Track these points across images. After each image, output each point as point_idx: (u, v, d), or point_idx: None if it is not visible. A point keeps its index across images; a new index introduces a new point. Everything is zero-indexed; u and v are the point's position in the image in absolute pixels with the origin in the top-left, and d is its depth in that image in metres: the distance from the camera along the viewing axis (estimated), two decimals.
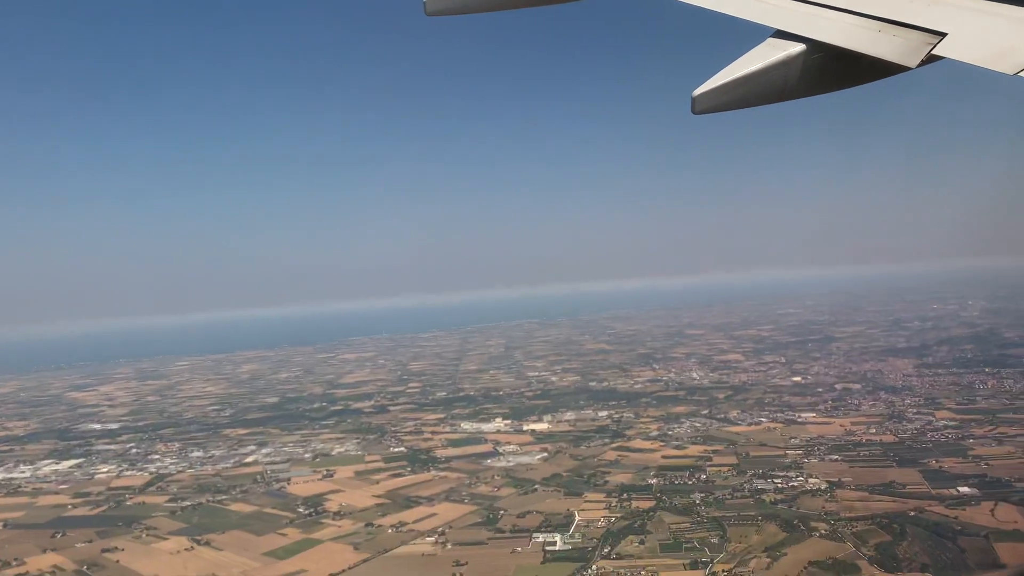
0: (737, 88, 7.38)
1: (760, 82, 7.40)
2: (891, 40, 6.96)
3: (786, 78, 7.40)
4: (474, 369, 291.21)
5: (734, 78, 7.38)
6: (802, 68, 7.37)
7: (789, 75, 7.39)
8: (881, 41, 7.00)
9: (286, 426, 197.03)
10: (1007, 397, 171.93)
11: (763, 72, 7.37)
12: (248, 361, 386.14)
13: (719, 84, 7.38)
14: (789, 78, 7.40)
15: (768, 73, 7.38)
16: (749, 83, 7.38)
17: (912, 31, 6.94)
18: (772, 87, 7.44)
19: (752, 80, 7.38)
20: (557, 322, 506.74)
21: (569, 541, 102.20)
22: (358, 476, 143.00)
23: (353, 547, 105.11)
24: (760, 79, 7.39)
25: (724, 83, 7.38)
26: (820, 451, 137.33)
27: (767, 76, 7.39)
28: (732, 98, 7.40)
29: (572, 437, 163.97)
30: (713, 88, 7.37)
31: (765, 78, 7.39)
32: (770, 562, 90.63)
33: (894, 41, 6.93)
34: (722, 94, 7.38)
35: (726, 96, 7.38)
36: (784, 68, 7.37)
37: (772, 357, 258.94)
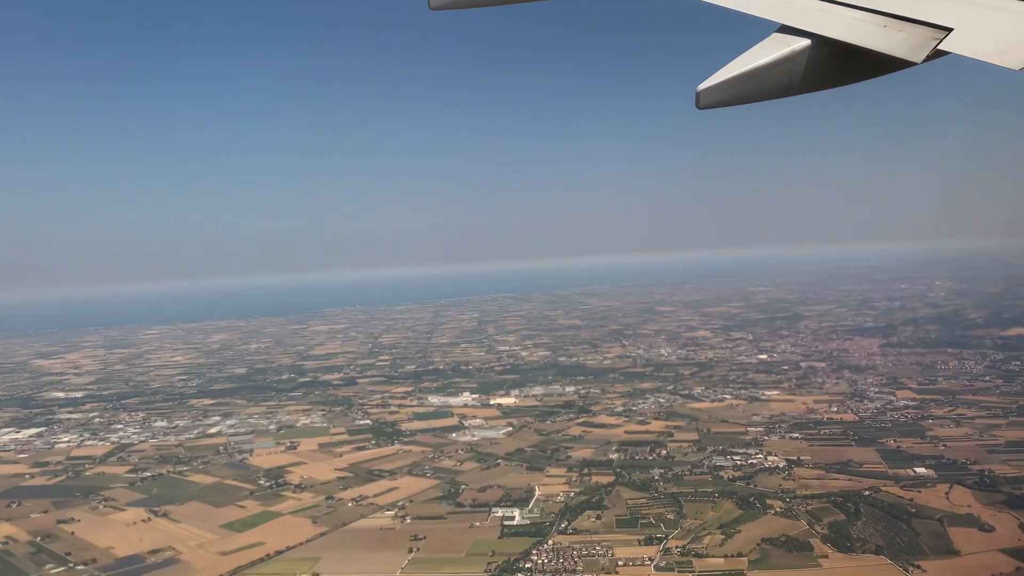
0: (742, 83, 7.29)
1: (765, 77, 7.32)
2: (896, 35, 6.89)
3: (791, 73, 7.32)
4: (446, 343, 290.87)
5: (738, 73, 7.27)
6: (807, 63, 7.29)
7: (794, 70, 7.31)
8: (886, 36, 6.93)
9: (253, 397, 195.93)
10: (967, 378, 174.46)
11: (768, 67, 7.28)
12: (219, 331, 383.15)
13: (723, 79, 7.27)
14: (794, 73, 7.33)
15: (773, 68, 7.29)
16: (754, 78, 7.29)
17: (917, 26, 6.87)
18: (777, 83, 7.37)
19: (757, 75, 7.29)
20: (531, 297, 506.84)
21: (528, 516, 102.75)
22: (322, 449, 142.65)
23: (312, 520, 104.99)
24: (765, 74, 7.31)
25: (728, 78, 7.27)
26: (781, 429, 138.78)
27: (772, 71, 7.31)
28: (736, 93, 7.31)
29: (538, 412, 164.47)
30: (717, 83, 7.26)
31: (770, 73, 7.31)
32: (724, 539, 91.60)
33: (899, 36, 6.86)
34: (726, 89, 7.28)
35: (730, 91, 7.29)
36: (789, 63, 7.29)
37: (740, 334, 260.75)
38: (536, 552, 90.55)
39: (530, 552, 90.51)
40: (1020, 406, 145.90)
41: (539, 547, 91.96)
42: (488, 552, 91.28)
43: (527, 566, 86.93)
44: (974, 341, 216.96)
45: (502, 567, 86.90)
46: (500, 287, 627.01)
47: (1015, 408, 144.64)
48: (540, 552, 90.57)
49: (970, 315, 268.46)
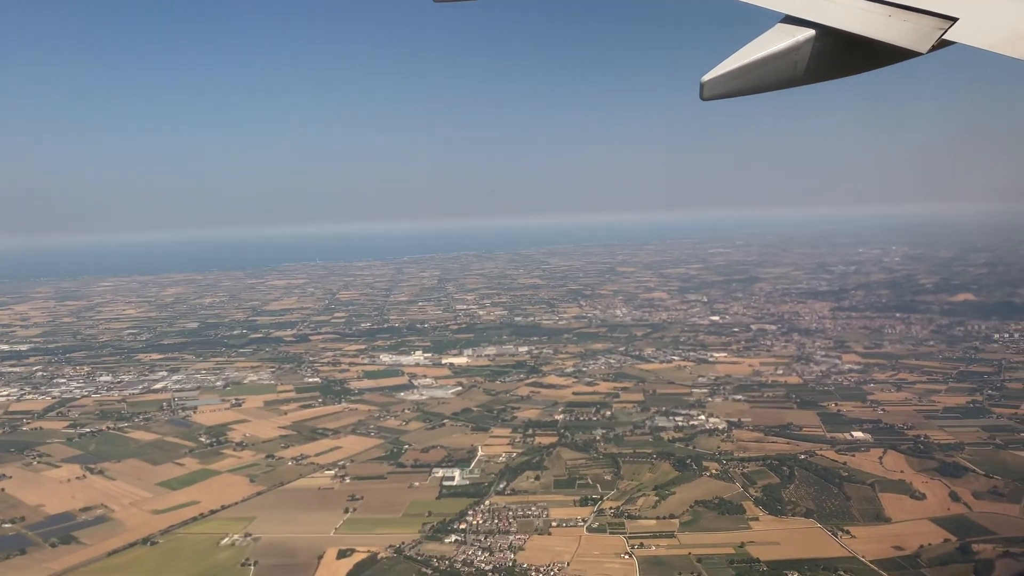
0: (746, 74, 7.18)
1: (770, 68, 7.22)
2: (902, 25, 6.84)
3: (796, 64, 7.24)
4: (404, 300, 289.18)
5: (743, 64, 7.16)
6: (812, 54, 7.21)
7: (799, 61, 7.23)
8: (892, 26, 6.87)
9: (202, 353, 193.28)
10: (912, 343, 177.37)
11: (773, 58, 7.18)
12: (175, 284, 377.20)
13: (728, 70, 7.14)
14: (799, 64, 7.24)
15: (778, 59, 7.19)
16: (758, 69, 7.18)
17: (923, 16, 6.83)
18: (782, 73, 7.27)
19: (762, 66, 7.18)
20: (495, 255, 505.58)
21: (468, 476, 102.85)
22: (267, 406, 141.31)
23: (249, 479, 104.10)
24: (770, 65, 7.20)
25: (733, 69, 7.14)
26: (725, 391, 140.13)
27: (777, 62, 7.20)
28: (741, 84, 7.19)
29: (489, 372, 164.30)
30: (722, 74, 7.14)
31: (775, 64, 7.21)
32: (657, 500, 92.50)
33: (904, 26, 6.81)
34: (731, 80, 7.16)
35: (735, 82, 7.18)
36: (794, 54, 7.20)
37: (695, 296, 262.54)
38: (472, 513, 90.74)
39: (466, 513, 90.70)
40: (960, 372, 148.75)
41: (476, 508, 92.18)
42: (425, 513, 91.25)
43: (461, 527, 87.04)
44: (922, 306, 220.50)
45: (436, 528, 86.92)
46: (465, 245, 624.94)
47: (955, 374, 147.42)
48: (476, 513, 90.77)
49: (921, 280, 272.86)
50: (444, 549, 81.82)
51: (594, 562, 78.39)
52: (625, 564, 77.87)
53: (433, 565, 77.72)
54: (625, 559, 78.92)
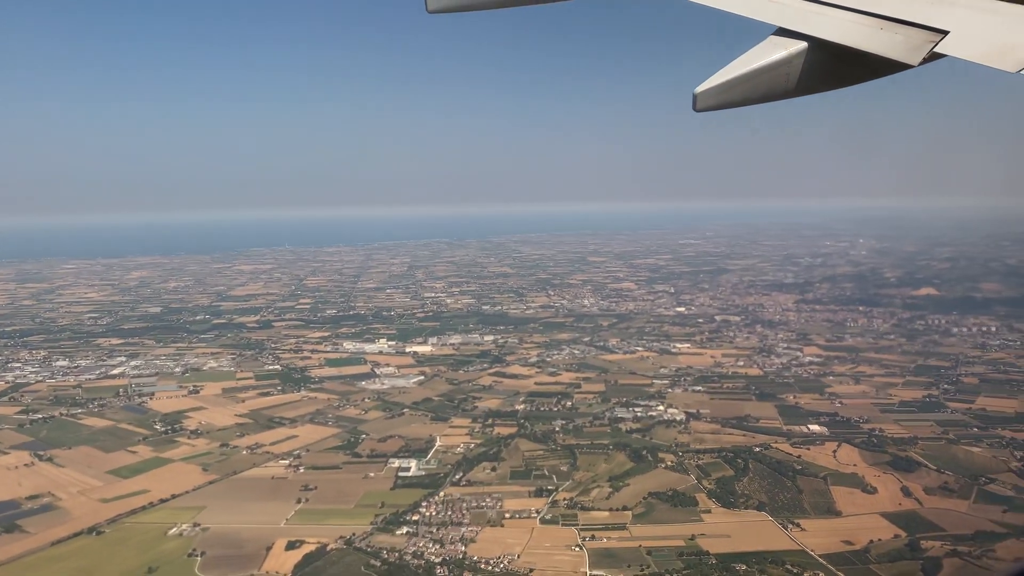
0: (739, 86, 7.26)
1: (762, 80, 7.29)
2: (893, 38, 6.91)
3: (788, 76, 7.31)
4: (371, 287, 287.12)
5: (736, 75, 7.24)
6: (804, 66, 7.28)
7: (791, 73, 7.30)
8: (883, 39, 6.96)
9: (163, 338, 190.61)
10: (873, 336, 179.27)
11: (765, 70, 7.25)
12: (140, 267, 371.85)
13: (721, 82, 7.23)
14: (791, 76, 7.31)
15: (770, 71, 7.27)
16: (751, 81, 7.26)
17: (914, 29, 6.90)
18: (774, 85, 7.35)
19: (754, 78, 7.26)
20: (466, 243, 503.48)
21: (424, 467, 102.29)
22: (225, 393, 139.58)
23: (202, 468, 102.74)
24: (762, 77, 7.29)
25: (726, 80, 7.23)
26: (686, 382, 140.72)
27: (769, 74, 7.28)
28: (734, 96, 7.28)
29: (453, 361, 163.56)
30: (715, 86, 7.23)
31: (767, 76, 7.29)
32: (611, 492, 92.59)
33: (896, 39, 6.89)
34: (724, 91, 7.25)
35: (728, 94, 7.27)
36: (786, 66, 7.28)
37: (663, 287, 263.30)
38: (426, 504, 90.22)
39: (420, 504, 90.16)
40: (918, 366, 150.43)
41: (430, 499, 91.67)
42: (378, 504, 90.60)
43: (414, 519, 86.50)
44: (885, 300, 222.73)
45: (388, 519, 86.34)
46: (437, 232, 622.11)
47: (913, 368, 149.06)
48: (430, 504, 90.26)
49: (886, 274, 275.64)
50: (395, 541, 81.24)
51: (544, 554, 78.24)
52: (575, 556, 77.83)
53: (382, 557, 77.15)
54: (575, 551, 78.91)
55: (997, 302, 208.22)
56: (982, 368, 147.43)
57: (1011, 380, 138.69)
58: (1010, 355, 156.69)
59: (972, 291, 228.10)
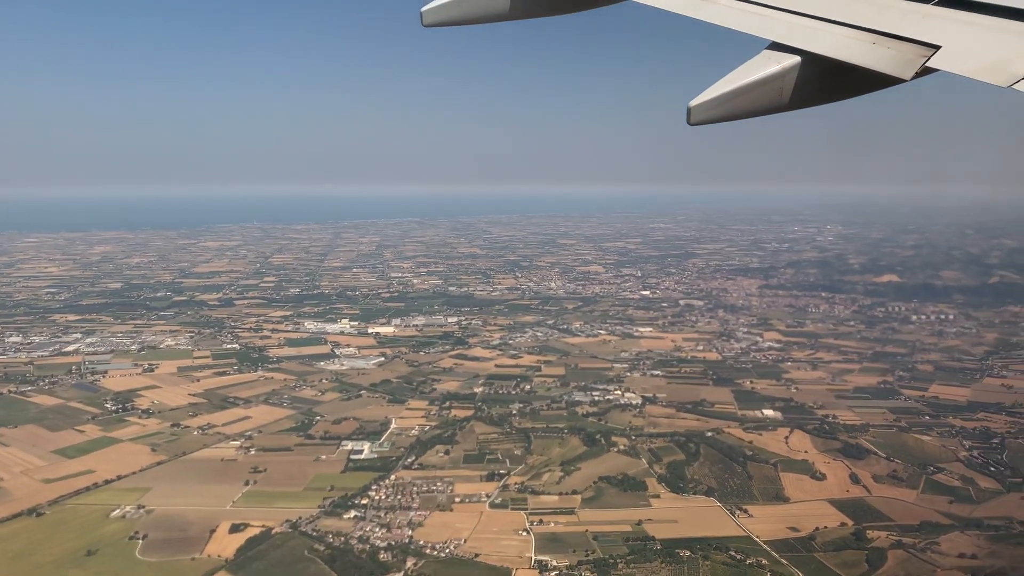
0: (733, 100, 7.29)
1: (756, 94, 7.33)
2: (885, 52, 6.98)
3: (781, 90, 7.37)
4: (338, 266, 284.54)
5: (730, 89, 7.26)
6: (797, 80, 7.34)
7: (784, 87, 7.37)
8: (876, 53, 7.02)
9: (121, 315, 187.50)
10: (833, 322, 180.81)
11: (759, 84, 7.31)
12: (104, 242, 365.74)
13: (715, 95, 7.24)
14: (784, 90, 7.38)
15: (764, 85, 7.33)
16: (745, 94, 7.30)
17: (906, 43, 6.96)
18: (768, 99, 7.40)
19: (748, 91, 7.29)
20: (438, 223, 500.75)
21: (377, 450, 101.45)
22: (180, 372, 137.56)
23: (151, 449, 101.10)
24: (756, 91, 7.33)
25: (720, 94, 7.25)
26: (645, 366, 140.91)
27: (763, 88, 7.34)
28: (728, 110, 7.31)
29: (415, 343, 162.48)
30: (709, 99, 7.23)
31: (761, 90, 7.34)
32: (562, 476, 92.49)
33: (888, 53, 6.95)
34: (718, 105, 7.26)
35: (722, 107, 7.29)
36: (780, 80, 7.34)
37: (630, 270, 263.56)
38: (376, 488, 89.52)
39: (370, 487, 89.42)
40: (875, 352, 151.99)
41: (380, 483, 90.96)
42: (327, 487, 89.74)
43: (363, 502, 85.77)
44: (847, 286, 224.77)
45: (337, 503, 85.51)
46: (409, 211, 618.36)
47: (870, 354, 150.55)
48: (380, 488, 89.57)
49: (851, 260, 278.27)
50: (341, 525, 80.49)
51: (491, 539, 77.95)
52: (522, 541, 77.61)
53: (327, 542, 76.38)
54: (523, 536, 78.69)
55: (956, 290, 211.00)
56: (937, 356, 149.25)
57: (964, 368, 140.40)
58: (965, 343, 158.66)
59: (933, 279, 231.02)
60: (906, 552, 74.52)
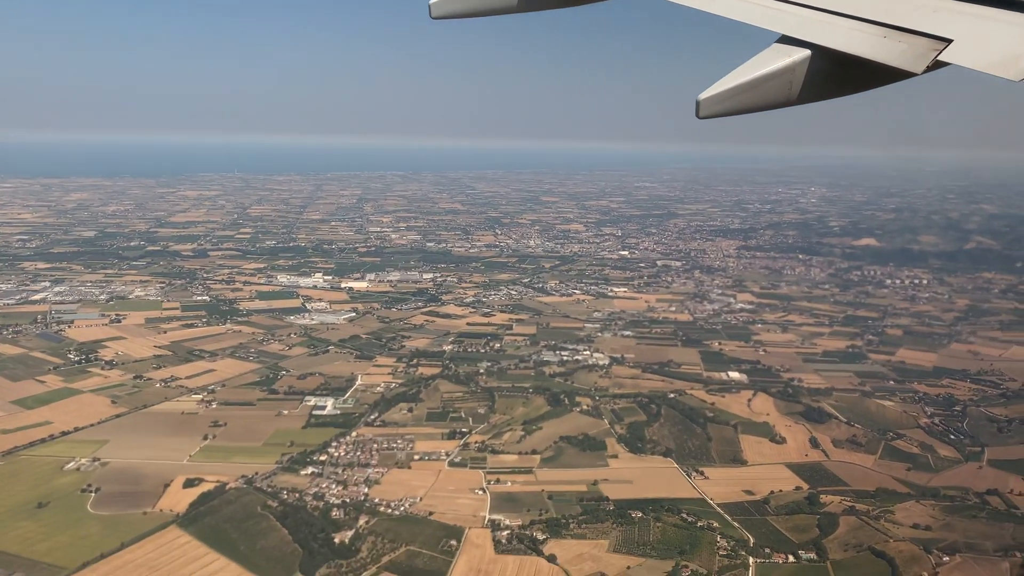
0: (742, 93, 7.19)
1: (766, 88, 7.24)
2: (897, 46, 6.93)
3: (791, 84, 7.28)
4: (316, 219, 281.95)
5: (739, 83, 7.16)
6: (808, 74, 7.26)
7: (794, 80, 7.28)
8: (887, 47, 6.97)
9: (92, 264, 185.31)
10: (808, 285, 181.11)
11: (768, 77, 7.21)
12: (81, 189, 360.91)
13: (724, 89, 7.16)
14: (794, 84, 7.28)
15: (774, 79, 7.23)
16: (754, 88, 7.21)
17: (918, 37, 6.90)
18: (778, 93, 7.29)
19: (757, 85, 7.21)
20: (422, 176, 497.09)
21: (340, 406, 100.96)
22: (148, 324, 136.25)
23: (111, 400, 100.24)
24: (765, 84, 7.24)
25: (729, 88, 7.15)
26: (616, 326, 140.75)
27: (773, 81, 7.24)
28: (737, 104, 7.23)
29: (388, 298, 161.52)
30: (718, 93, 7.14)
31: (771, 84, 7.24)
32: (523, 435, 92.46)
33: (900, 47, 6.90)
34: (726, 99, 7.18)
35: (731, 101, 7.20)
36: (789, 73, 7.25)
37: (610, 230, 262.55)
38: (336, 444, 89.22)
39: (330, 444, 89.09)
40: (847, 316, 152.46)
41: (341, 439, 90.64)
42: (287, 443, 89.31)
43: (321, 459, 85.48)
44: (825, 249, 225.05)
45: (295, 459, 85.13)
46: (393, 164, 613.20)
47: (841, 318, 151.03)
48: (340, 444, 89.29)
49: (831, 223, 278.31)
50: (298, 481, 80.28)
51: (447, 497, 77.99)
52: (477, 500, 77.69)
53: (281, 498, 76.12)
54: (479, 495, 78.76)
55: (933, 255, 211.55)
56: (908, 320, 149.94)
57: (933, 333, 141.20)
58: (936, 308, 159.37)
59: (911, 243, 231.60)
60: (858, 519, 74.89)
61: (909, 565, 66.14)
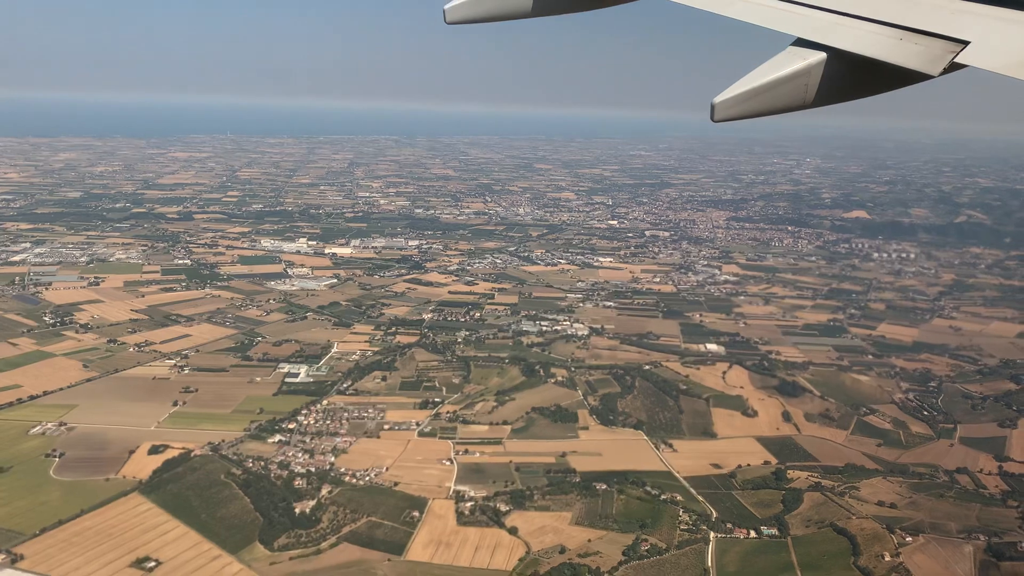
0: (758, 96, 7.19)
1: (781, 90, 7.22)
2: (913, 48, 6.92)
3: (807, 87, 7.27)
4: (306, 183, 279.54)
5: (754, 86, 7.16)
6: (823, 77, 7.25)
7: (810, 83, 7.26)
8: (903, 49, 6.95)
9: (75, 225, 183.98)
10: (794, 257, 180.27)
11: (784, 80, 7.19)
12: (71, 148, 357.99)
13: (739, 92, 7.16)
14: (810, 86, 7.27)
15: (789, 81, 7.22)
16: (769, 91, 7.20)
17: (934, 39, 6.88)
18: (793, 95, 7.26)
19: (773, 88, 7.19)
20: (416, 141, 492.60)
21: (313, 374, 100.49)
22: (126, 287, 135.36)
23: (83, 365, 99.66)
24: (781, 87, 7.22)
25: (744, 91, 7.15)
26: (599, 297, 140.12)
27: (788, 84, 7.22)
28: (752, 106, 7.22)
29: (371, 265, 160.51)
30: (733, 96, 7.13)
31: (786, 86, 7.22)
32: (495, 406, 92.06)
33: (915, 49, 6.88)
34: (742, 102, 7.17)
35: (746, 104, 7.19)
36: (805, 76, 7.24)
37: (601, 198, 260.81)
38: (306, 412, 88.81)
39: (300, 412, 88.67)
40: (831, 289, 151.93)
41: (311, 407, 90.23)
42: (256, 410, 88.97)
43: (290, 427, 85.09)
44: (815, 220, 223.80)
45: (263, 426, 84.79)
46: (389, 128, 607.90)
47: (825, 290, 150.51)
48: (310, 412, 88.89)
49: (823, 195, 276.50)
50: (264, 449, 79.97)
51: (414, 468, 77.77)
52: (444, 471, 77.48)
53: (246, 466, 75.80)
54: (446, 465, 78.56)
55: (923, 228, 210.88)
56: (892, 294, 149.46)
57: (916, 308, 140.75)
58: (922, 282, 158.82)
59: (902, 216, 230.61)
60: (823, 495, 74.76)
61: (870, 544, 66.02)
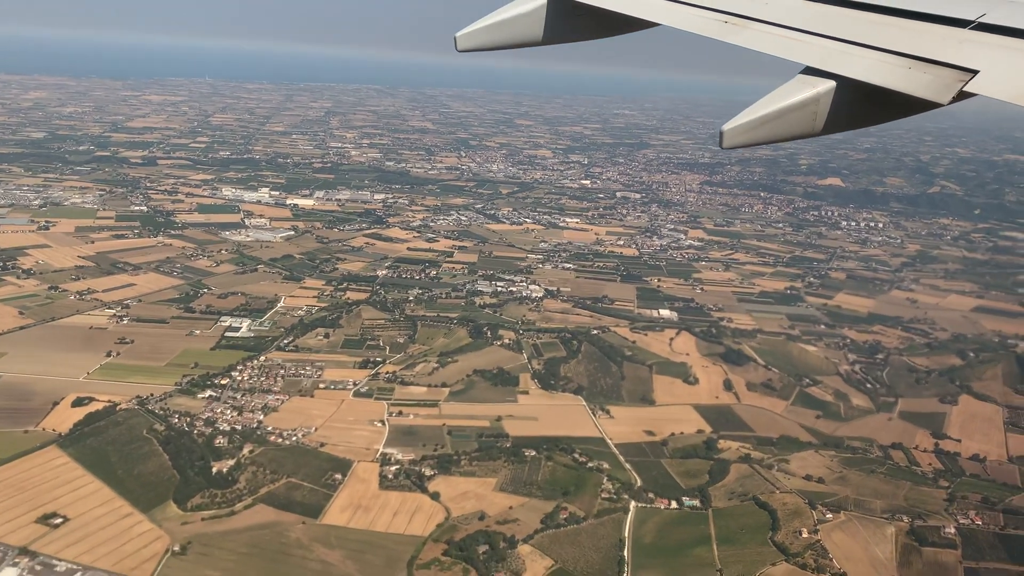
0: (766, 124, 7.23)
1: (790, 118, 7.26)
2: (922, 77, 6.93)
3: (816, 114, 7.33)
4: (278, 131, 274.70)
5: (763, 113, 7.20)
6: (832, 105, 7.30)
7: (819, 111, 7.32)
8: (912, 78, 6.98)
9: (34, 167, 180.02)
10: (762, 223, 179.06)
11: (793, 108, 7.25)
12: (42, 87, 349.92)
13: (748, 119, 7.19)
14: (819, 114, 7.33)
15: (798, 109, 7.27)
16: (779, 119, 7.24)
17: (943, 68, 6.90)
18: (802, 123, 7.33)
19: (782, 116, 7.23)
20: (398, 92, 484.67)
21: (255, 328, 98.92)
22: (77, 232, 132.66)
23: (19, 311, 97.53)
24: (790, 115, 7.26)
25: (753, 118, 7.19)
26: (559, 258, 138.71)
27: (797, 112, 7.27)
28: (761, 134, 7.24)
29: (332, 218, 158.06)
30: (742, 123, 7.18)
31: (795, 114, 7.27)
32: (437, 367, 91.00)
33: (925, 78, 6.89)
34: (751, 129, 7.20)
35: (754, 132, 7.22)
36: (814, 104, 7.29)
37: (578, 157, 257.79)
38: (241, 368, 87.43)
39: (235, 367, 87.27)
40: (793, 256, 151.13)
41: (248, 363, 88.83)
42: (191, 364, 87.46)
43: (223, 382, 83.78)
44: (788, 187, 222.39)
45: (195, 381, 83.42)
46: (372, 77, 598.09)
47: (787, 258, 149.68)
48: (245, 368, 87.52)
49: (801, 161, 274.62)
50: (193, 404, 78.69)
51: (345, 429, 76.83)
52: (374, 432, 76.60)
53: (170, 422, 74.49)
54: (377, 427, 77.65)
55: (895, 198, 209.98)
56: (854, 264, 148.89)
57: (876, 279, 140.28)
58: (886, 252, 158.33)
59: (876, 184, 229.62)
60: (750, 467, 74.48)
61: (790, 519, 65.86)
